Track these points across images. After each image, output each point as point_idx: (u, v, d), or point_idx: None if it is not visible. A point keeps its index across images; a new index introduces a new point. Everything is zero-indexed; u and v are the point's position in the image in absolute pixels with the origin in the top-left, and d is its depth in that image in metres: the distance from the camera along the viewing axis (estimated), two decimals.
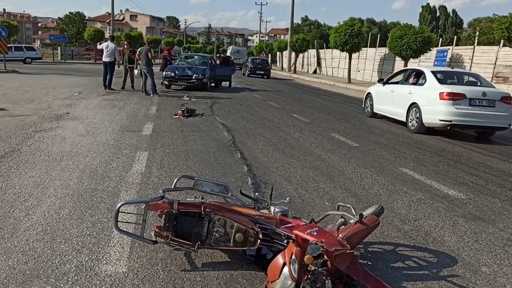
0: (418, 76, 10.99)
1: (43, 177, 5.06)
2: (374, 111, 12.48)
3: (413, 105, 10.27)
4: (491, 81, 19.13)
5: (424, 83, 10.33)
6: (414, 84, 10.87)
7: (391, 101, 11.49)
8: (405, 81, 11.65)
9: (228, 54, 46.76)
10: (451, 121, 9.36)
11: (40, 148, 6.50)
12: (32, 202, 4.25)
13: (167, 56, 19.05)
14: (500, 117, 9.47)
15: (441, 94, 9.46)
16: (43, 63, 37.44)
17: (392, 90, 11.53)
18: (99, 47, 17.16)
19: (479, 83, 10.47)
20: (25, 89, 14.70)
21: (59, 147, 6.60)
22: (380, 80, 12.85)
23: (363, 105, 13.59)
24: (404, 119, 10.73)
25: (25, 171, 5.28)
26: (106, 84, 15.73)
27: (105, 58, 15.66)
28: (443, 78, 10.52)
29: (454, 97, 9.30)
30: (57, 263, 3.12)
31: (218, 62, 21.94)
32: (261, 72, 33.30)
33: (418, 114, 10.06)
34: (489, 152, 8.38)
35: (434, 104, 9.61)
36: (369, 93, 13.02)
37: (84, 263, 3.14)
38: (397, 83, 11.98)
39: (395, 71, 25.52)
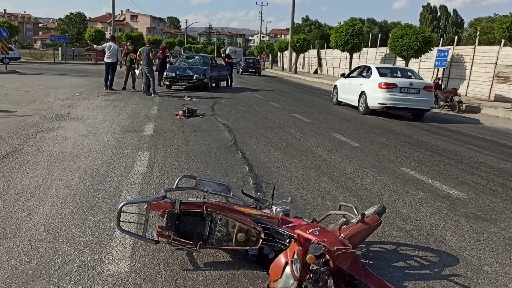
0: (367, 71, 13.86)
1: (45, 177, 5.07)
2: (339, 99, 15.34)
3: (362, 93, 13.19)
4: (492, 81, 19.18)
5: (370, 76, 13.27)
6: (364, 77, 13.71)
7: (349, 91, 14.40)
8: (358, 75, 14.45)
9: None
10: (386, 104, 12.36)
11: (42, 148, 6.51)
12: (34, 202, 4.26)
13: (160, 55, 18.97)
14: (423, 102, 12.48)
15: (379, 84, 12.39)
16: (43, 63, 37.48)
17: (350, 82, 14.45)
18: (100, 48, 17.07)
19: (413, 76, 13.57)
20: (26, 90, 14.72)
21: (61, 148, 6.61)
22: (342, 75, 15.67)
23: (331, 95, 16.15)
24: (356, 104, 13.60)
25: (26, 171, 5.29)
26: (107, 84, 15.74)
27: (107, 59, 15.63)
28: (384, 72, 13.43)
29: (389, 86, 12.28)
30: (60, 263, 3.12)
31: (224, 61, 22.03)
32: (253, 70, 36.79)
33: (364, 99, 12.98)
34: (490, 152, 8.38)
35: (375, 91, 12.53)
36: (335, 85, 15.79)
37: (86, 263, 3.14)
38: (353, 77, 14.71)
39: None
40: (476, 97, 19.93)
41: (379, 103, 12.46)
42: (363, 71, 14.30)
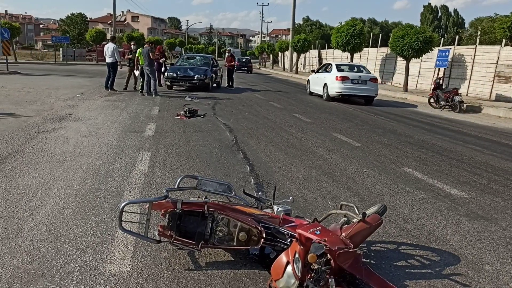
0: (329, 67, 17.74)
1: (46, 178, 5.08)
2: (311, 90, 19.30)
3: (325, 84, 16.98)
4: (493, 81, 19.17)
5: (330, 71, 17.11)
6: (327, 72, 17.55)
7: (317, 83, 18.29)
8: (323, 71, 18.32)
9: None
10: (341, 92, 16.19)
11: (43, 148, 6.53)
12: (36, 202, 4.27)
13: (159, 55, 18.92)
14: (370, 90, 16.32)
15: (336, 77, 16.26)
16: (44, 63, 37.50)
17: (317, 77, 18.46)
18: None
19: (364, 71, 17.35)
20: (28, 90, 14.74)
21: (62, 148, 6.63)
22: (313, 71, 20.00)
23: (306, 88, 20.27)
24: (321, 93, 17.48)
25: (28, 171, 5.30)
26: (108, 85, 15.77)
27: (107, 60, 15.80)
28: (341, 68, 17.28)
29: (343, 79, 16.12)
30: (62, 262, 3.13)
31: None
32: (245, 68, 42.59)
33: (326, 90, 16.83)
34: (491, 152, 8.38)
35: (333, 83, 16.36)
36: (308, 79, 20.03)
37: (88, 262, 3.15)
38: (320, 72, 18.61)
39: (396, 71, 25.48)
40: (477, 97, 19.91)
41: (336, 92, 16.35)
42: (327, 68, 18.10)
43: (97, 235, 3.61)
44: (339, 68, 17.12)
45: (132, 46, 17.30)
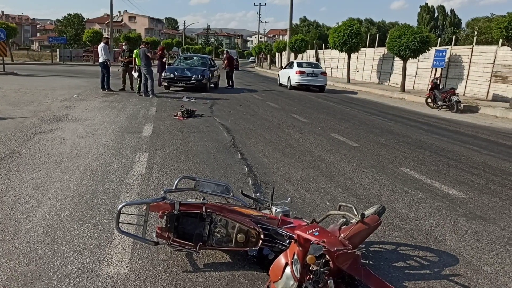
0: (292, 64, 23.74)
1: (43, 179, 5.05)
2: (280, 82, 25.06)
3: (289, 77, 22.73)
4: (490, 81, 19.23)
5: (293, 67, 22.92)
6: (290, 68, 23.39)
7: (284, 76, 24.10)
8: (288, 67, 24.43)
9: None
10: (299, 82, 21.76)
11: (40, 150, 6.50)
12: (32, 204, 4.25)
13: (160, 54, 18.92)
14: (320, 81, 21.98)
15: (296, 71, 21.98)
16: (41, 64, 37.39)
17: (284, 71, 24.58)
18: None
19: (318, 67, 23.46)
20: (24, 91, 14.69)
21: (59, 149, 6.60)
22: (281, 67, 27.88)
23: (277, 81, 26.29)
24: (287, 84, 23.07)
25: (25, 173, 5.27)
26: (104, 85, 15.74)
27: (99, 60, 16.11)
28: (301, 64, 23.40)
29: (300, 73, 21.79)
30: (59, 264, 3.11)
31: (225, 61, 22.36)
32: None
33: (289, 81, 22.55)
34: (489, 152, 8.39)
35: (294, 76, 22.05)
36: (278, 74, 26.49)
37: (85, 264, 3.13)
38: (286, 68, 24.86)
39: (393, 71, 25.50)
40: (474, 97, 19.95)
41: (296, 82, 22.07)
42: (291, 65, 24.11)
43: (95, 237, 3.58)
44: (299, 64, 23.28)
45: (124, 47, 17.31)
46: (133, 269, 3.12)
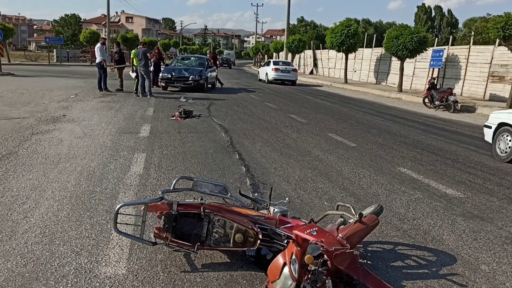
0: (269, 63, 28.72)
1: (40, 180, 5.04)
2: (260, 78, 29.05)
3: (266, 73, 26.89)
4: (487, 80, 19.29)
5: (269, 65, 27.50)
6: (268, 66, 27.88)
7: (262, 73, 28.44)
8: (266, 65, 28.78)
9: (227, 57, 65.16)
10: (275, 77, 26.22)
11: (37, 150, 6.48)
12: (30, 205, 4.23)
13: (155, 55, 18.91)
14: (292, 76, 26.66)
15: (272, 68, 26.45)
16: (38, 65, 37.29)
17: (263, 69, 28.90)
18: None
19: (289, 65, 27.97)
20: (21, 92, 14.64)
21: (56, 150, 6.58)
22: (260, 65, 34.41)
23: (257, 76, 30.74)
24: (264, 79, 27.32)
25: (22, 173, 5.26)
26: (101, 86, 15.72)
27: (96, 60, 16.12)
28: (276, 63, 28.36)
29: (276, 70, 26.30)
30: (56, 265, 3.10)
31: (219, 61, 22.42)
32: (226, 64, 53.40)
33: (267, 76, 26.57)
34: (486, 151, 8.41)
35: (271, 72, 26.38)
36: (258, 71, 31.77)
37: (83, 265, 3.13)
38: (264, 66, 29.39)
39: (391, 71, 25.55)
40: (471, 96, 20.00)
41: (272, 77, 26.62)
42: (268, 63, 29.12)
43: (92, 238, 3.58)
44: (274, 63, 28.48)
45: (116, 48, 17.35)
46: (131, 269, 3.11)
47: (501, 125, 7.79)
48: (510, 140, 7.44)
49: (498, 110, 8.91)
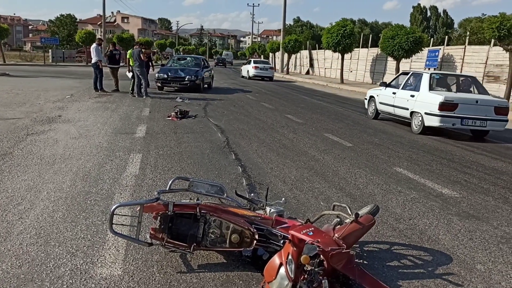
0: (250, 62, 33.41)
1: (36, 181, 5.01)
2: (242, 75, 33.54)
3: (248, 70, 32.10)
4: (482, 80, 19.39)
5: (250, 64, 32.62)
6: (249, 64, 32.79)
7: (244, 71, 33.09)
8: (247, 64, 33.75)
9: (222, 57, 70.65)
10: (255, 74, 31.20)
11: (33, 151, 6.45)
12: (25, 206, 4.21)
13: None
14: (269, 73, 31.82)
15: (253, 66, 31.59)
16: (33, 65, 37.15)
17: (245, 67, 33.72)
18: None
19: (267, 64, 33.78)
20: (16, 92, 14.58)
21: (52, 150, 6.55)
22: (244, 63, 36.56)
23: (240, 74, 35.08)
24: (246, 76, 32.14)
25: (17, 174, 5.23)
26: (97, 86, 15.68)
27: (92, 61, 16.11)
28: (256, 61, 33.83)
29: (255, 68, 31.45)
30: (52, 266, 3.09)
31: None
32: (221, 63, 60.43)
33: (248, 73, 31.75)
34: (481, 151, 8.44)
35: (251, 70, 31.51)
36: (241, 68, 35.14)
37: (78, 266, 3.11)
38: (246, 64, 34.06)
39: (387, 71, 25.65)
40: None
41: (252, 74, 31.07)
42: (249, 63, 33.26)
43: (88, 238, 3.56)
44: (255, 62, 33.26)
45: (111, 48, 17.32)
46: (126, 270, 3.10)
47: (370, 97, 12.86)
48: (373, 106, 12.63)
49: (371, 89, 13.69)
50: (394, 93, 11.28)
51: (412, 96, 10.39)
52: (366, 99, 13.08)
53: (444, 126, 9.67)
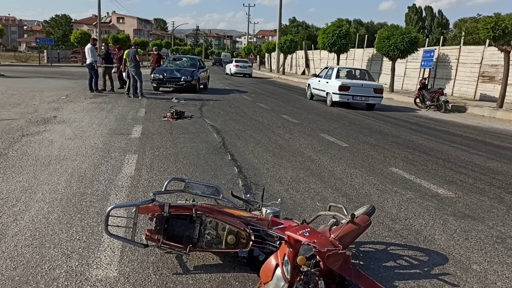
0: (232, 61, 41.11)
1: (30, 182, 4.99)
2: (226, 72, 38.96)
3: (230, 68, 38.35)
4: (477, 81, 19.49)
5: (232, 62, 39.68)
6: (231, 63, 39.87)
7: (228, 69, 39.27)
8: (229, 62, 42.04)
9: (220, 57, 77.32)
10: (236, 72, 37.08)
11: (27, 152, 6.42)
12: (20, 207, 4.19)
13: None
14: (247, 70, 37.41)
15: (234, 65, 38.09)
16: (28, 66, 36.97)
17: (227, 65, 41.34)
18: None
19: (247, 63, 40.04)
20: (11, 93, 14.51)
21: (47, 151, 6.52)
22: (226, 63, 51.10)
23: (225, 72, 40.03)
24: (229, 73, 38.03)
25: (12, 175, 5.20)
26: (92, 87, 15.63)
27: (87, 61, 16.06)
28: (237, 61, 40.38)
29: (236, 66, 37.54)
30: (47, 268, 3.07)
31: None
32: (218, 63, 66.96)
33: (230, 71, 37.92)
34: (477, 151, 8.47)
35: (232, 67, 37.87)
36: (225, 67, 43.77)
37: (74, 268, 3.09)
38: (229, 63, 41.50)
39: (382, 71, 25.70)
40: (462, 96, 20.17)
41: (234, 71, 36.81)
42: (232, 61, 40.00)
43: (83, 240, 3.54)
44: (236, 61, 38.88)
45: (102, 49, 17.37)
46: (122, 272, 3.08)
47: (308, 85, 18.38)
48: (309, 91, 18.12)
49: (309, 79, 19.13)
50: (319, 81, 16.93)
51: (327, 82, 15.98)
52: (306, 86, 19.00)
53: (342, 100, 15.05)
